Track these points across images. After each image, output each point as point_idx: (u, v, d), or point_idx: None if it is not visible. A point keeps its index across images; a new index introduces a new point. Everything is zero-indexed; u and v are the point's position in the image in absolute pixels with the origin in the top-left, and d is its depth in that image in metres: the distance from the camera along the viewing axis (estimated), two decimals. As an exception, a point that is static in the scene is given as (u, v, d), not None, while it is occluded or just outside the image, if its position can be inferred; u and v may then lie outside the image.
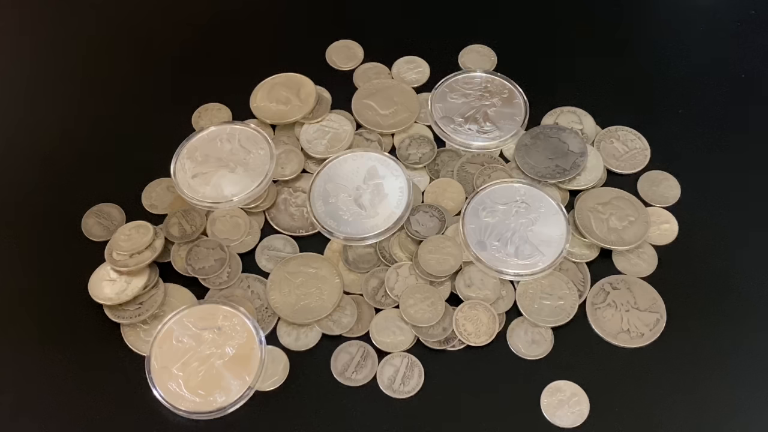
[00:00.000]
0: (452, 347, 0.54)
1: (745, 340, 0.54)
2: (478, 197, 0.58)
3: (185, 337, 0.53)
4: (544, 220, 0.57)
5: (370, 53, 0.67)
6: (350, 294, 0.56)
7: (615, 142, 0.61)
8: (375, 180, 0.59)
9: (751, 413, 0.51)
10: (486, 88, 0.63)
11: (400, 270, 0.56)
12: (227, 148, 0.60)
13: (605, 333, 0.54)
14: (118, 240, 0.55)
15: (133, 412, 0.52)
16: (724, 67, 0.66)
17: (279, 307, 0.55)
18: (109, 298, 0.54)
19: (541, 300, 0.55)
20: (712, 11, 0.69)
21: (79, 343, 0.54)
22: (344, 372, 0.53)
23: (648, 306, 0.55)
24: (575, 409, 0.51)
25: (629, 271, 0.56)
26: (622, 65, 0.66)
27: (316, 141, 0.61)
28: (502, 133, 0.61)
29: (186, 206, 0.58)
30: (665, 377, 0.53)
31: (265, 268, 0.57)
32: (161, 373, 0.52)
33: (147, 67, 0.67)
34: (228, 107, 0.64)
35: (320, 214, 0.57)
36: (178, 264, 0.56)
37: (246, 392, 0.52)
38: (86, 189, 0.60)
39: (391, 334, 0.54)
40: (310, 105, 0.62)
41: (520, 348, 0.54)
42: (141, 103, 0.65)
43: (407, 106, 0.63)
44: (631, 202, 0.58)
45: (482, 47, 0.67)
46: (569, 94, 0.64)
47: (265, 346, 0.53)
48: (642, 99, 0.64)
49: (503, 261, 0.55)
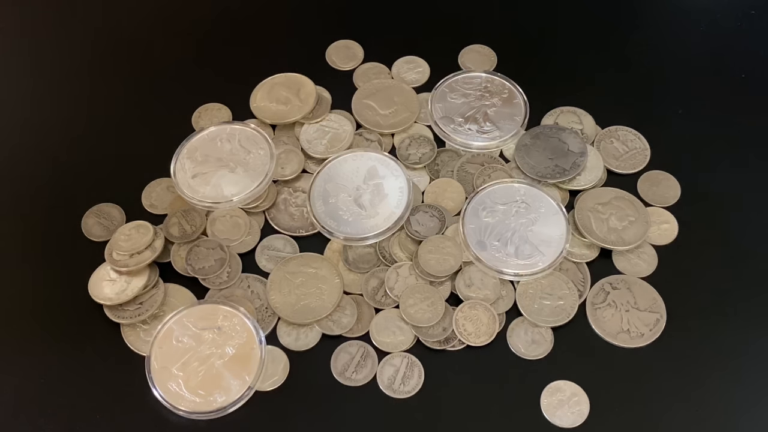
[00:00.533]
0: (452, 347, 0.54)
1: (744, 340, 0.54)
2: (478, 197, 0.58)
3: (185, 337, 0.53)
4: (544, 220, 0.57)
5: (370, 53, 0.67)
6: (350, 294, 0.56)
7: (615, 142, 0.61)
8: (375, 180, 0.59)
9: (751, 413, 0.51)
10: (486, 88, 0.63)
11: (400, 270, 0.56)
12: (227, 148, 0.60)
13: (605, 333, 0.54)
14: (118, 240, 0.55)
15: (133, 412, 0.52)
16: (724, 67, 0.66)
17: (279, 307, 0.55)
18: (109, 298, 0.54)
19: (541, 300, 0.55)
20: (712, 11, 0.69)
21: (79, 343, 0.54)
22: (344, 372, 0.53)
23: (648, 306, 0.55)
24: (575, 409, 0.51)
25: (629, 271, 0.56)
26: (622, 65, 0.66)
27: (316, 141, 0.61)
28: (502, 133, 0.61)
29: (186, 206, 0.58)
30: (665, 377, 0.53)
31: (265, 268, 0.57)
32: (161, 373, 0.52)
33: (147, 67, 0.67)
34: (228, 107, 0.64)
35: (320, 214, 0.57)
36: (178, 264, 0.56)
37: (246, 392, 0.52)
38: (86, 189, 0.60)
39: (391, 334, 0.54)
40: (310, 105, 0.62)
41: (520, 348, 0.54)
42: (141, 103, 0.65)
43: (407, 106, 0.63)
44: (631, 202, 0.58)
45: (482, 47, 0.67)
46: (569, 94, 0.64)
47: (265, 346, 0.53)
48: (642, 99, 0.64)
49: (503, 261, 0.55)
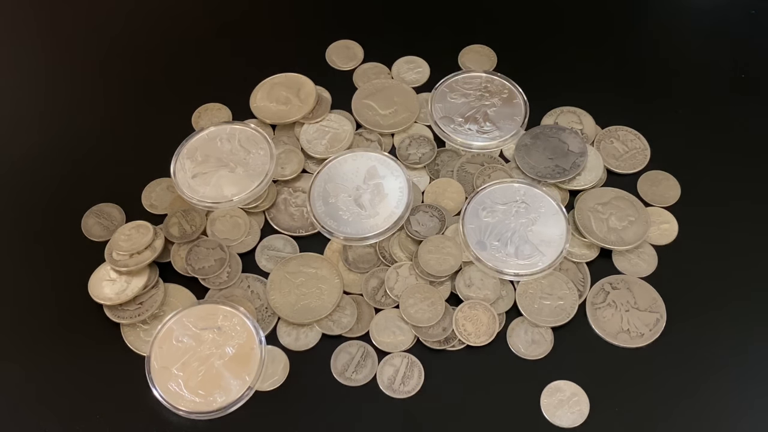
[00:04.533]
0: (452, 347, 0.54)
1: (744, 340, 0.54)
2: (478, 197, 0.58)
3: (185, 337, 0.53)
4: (544, 220, 0.57)
5: (370, 53, 0.67)
6: (350, 294, 0.56)
7: (615, 142, 0.61)
8: (375, 180, 0.59)
9: (751, 413, 0.51)
10: (486, 88, 0.63)
11: (400, 270, 0.56)
12: (227, 148, 0.60)
13: (605, 333, 0.54)
14: (118, 240, 0.55)
15: (133, 412, 0.52)
16: (724, 67, 0.66)
17: (279, 307, 0.55)
18: (109, 298, 0.54)
19: (541, 300, 0.55)
20: (712, 11, 0.69)
21: (79, 343, 0.54)
22: (344, 372, 0.53)
23: (648, 306, 0.55)
24: (575, 409, 0.51)
25: (629, 271, 0.56)
26: (622, 65, 0.66)
27: (316, 141, 0.61)
28: (502, 133, 0.61)
29: (186, 206, 0.58)
30: (665, 377, 0.53)
31: (265, 268, 0.57)
32: (161, 373, 0.52)
33: (147, 67, 0.67)
34: (228, 107, 0.64)
35: (320, 214, 0.57)
36: (178, 264, 0.56)
37: (246, 392, 0.52)
38: (86, 189, 0.60)
39: (391, 334, 0.54)
40: (310, 105, 0.62)
41: (520, 348, 0.54)
42: (141, 103, 0.65)
43: (407, 106, 0.63)
44: (631, 202, 0.58)
45: (482, 47, 0.67)
46: (569, 94, 0.64)
47: (265, 346, 0.53)
48: (642, 99, 0.64)
49: (503, 261, 0.55)
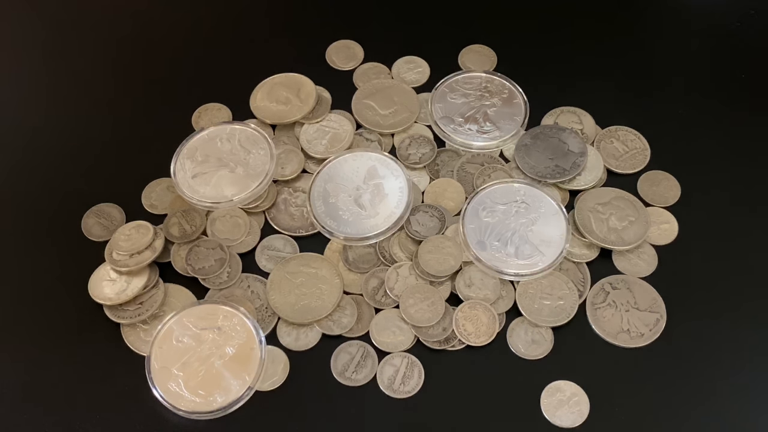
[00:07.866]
0: (452, 347, 0.54)
1: (745, 340, 0.54)
2: (478, 197, 0.58)
3: (185, 337, 0.53)
4: (544, 220, 0.57)
5: (370, 53, 0.67)
6: (350, 294, 0.56)
7: (615, 142, 0.61)
8: (375, 180, 0.59)
9: (750, 413, 0.51)
10: (486, 88, 0.63)
11: (400, 270, 0.56)
12: (227, 148, 0.60)
13: (605, 333, 0.54)
14: (118, 240, 0.55)
15: (133, 412, 0.52)
16: (724, 67, 0.66)
17: (279, 307, 0.55)
18: (109, 298, 0.54)
19: (541, 300, 0.55)
20: (712, 11, 0.69)
21: (79, 343, 0.54)
22: (344, 372, 0.53)
23: (648, 306, 0.55)
24: (575, 409, 0.51)
25: (629, 271, 0.56)
26: (622, 65, 0.66)
27: (316, 141, 0.61)
28: (502, 133, 0.61)
29: (186, 206, 0.58)
30: (665, 377, 0.53)
31: (265, 268, 0.57)
32: (161, 373, 0.52)
33: (147, 67, 0.67)
34: (228, 107, 0.64)
35: (320, 214, 0.57)
36: (178, 264, 0.56)
37: (246, 392, 0.52)
38: (86, 189, 0.60)
39: (391, 334, 0.54)
40: (310, 105, 0.62)
41: (520, 348, 0.54)
42: (141, 103, 0.65)
43: (407, 106, 0.63)
44: (631, 202, 0.58)
45: (482, 47, 0.67)
46: (569, 94, 0.64)
47: (265, 346, 0.53)
48: (642, 99, 0.64)
49: (503, 261, 0.55)
